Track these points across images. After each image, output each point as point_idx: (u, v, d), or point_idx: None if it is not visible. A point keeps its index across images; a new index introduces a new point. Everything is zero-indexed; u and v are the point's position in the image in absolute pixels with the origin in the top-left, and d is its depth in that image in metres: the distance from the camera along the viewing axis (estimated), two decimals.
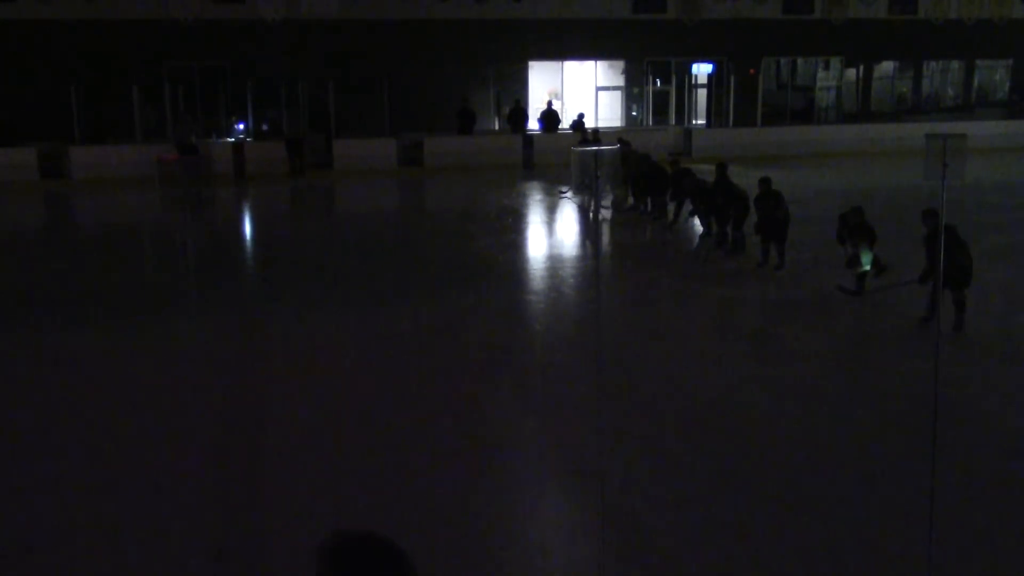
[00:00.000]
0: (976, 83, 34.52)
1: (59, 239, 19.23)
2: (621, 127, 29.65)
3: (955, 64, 34.10)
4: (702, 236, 15.18)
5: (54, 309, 12.21)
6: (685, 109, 31.38)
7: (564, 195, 21.32)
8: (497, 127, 30.06)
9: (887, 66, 33.72)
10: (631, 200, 19.21)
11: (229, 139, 27.21)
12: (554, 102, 30.13)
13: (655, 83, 31.52)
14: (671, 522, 6.25)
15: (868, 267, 11.43)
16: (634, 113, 31.67)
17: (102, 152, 25.22)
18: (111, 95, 26.29)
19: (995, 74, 34.76)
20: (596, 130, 25.77)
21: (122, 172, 24.21)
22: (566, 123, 29.01)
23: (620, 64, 31.39)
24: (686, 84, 31.44)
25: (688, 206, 16.18)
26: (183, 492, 6.76)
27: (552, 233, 18.29)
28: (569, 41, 29.80)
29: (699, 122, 31.80)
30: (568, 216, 19.44)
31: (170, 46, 27.14)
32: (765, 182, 13.50)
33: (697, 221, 15.87)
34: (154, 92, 26.65)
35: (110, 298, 12.84)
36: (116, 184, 23.65)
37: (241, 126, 28.08)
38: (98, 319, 11.68)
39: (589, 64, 31.31)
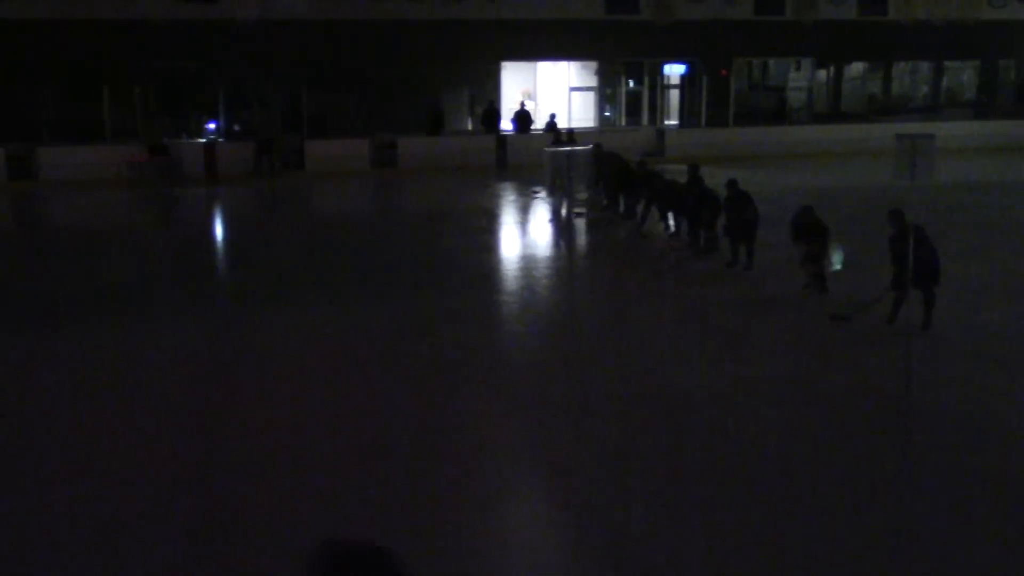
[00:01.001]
0: (945, 84, 34.89)
1: (27, 240, 19.02)
2: (594, 127, 29.72)
3: (924, 65, 34.44)
4: (670, 237, 15.31)
5: (23, 311, 12.08)
6: (658, 110, 31.49)
7: (537, 195, 21.34)
8: (471, 128, 30.04)
9: (857, 67, 34.00)
10: (604, 200, 19.26)
11: (201, 140, 27.02)
12: (527, 102, 30.15)
13: (628, 84, 31.61)
14: (644, 518, 6.26)
15: (839, 266, 11.49)
16: (607, 113, 31.75)
17: (71, 153, 24.90)
18: (81, 95, 26.02)
19: (963, 75, 35.14)
20: (571, 130, 25.79)
21: (92, 173, 23.90)
22: (540, 124, 29.04)
23: (593, 65, 31.45)
24: (659, 85, 31.55)
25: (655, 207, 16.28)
26: (156, 492, 6.70)
27: (525, 233, 18.30)
28: (542, 42, 29.80)
29: (672, 122, 31.92)
30: (541, 216, 19.45)
31: (141, 46, 26.88)
32: (732, 185, 13.57)
33: (663, 221, 16.01)
34: (124, 92, 26.38)
35: (79, 300, 12.72)
36: (86, 185, 23.39)
37: (213, 125, 27.87)
38: (67, 321, 11.56)
39: (562, 65, 31.36)
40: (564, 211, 19.04)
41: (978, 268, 13.49)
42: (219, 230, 20.19)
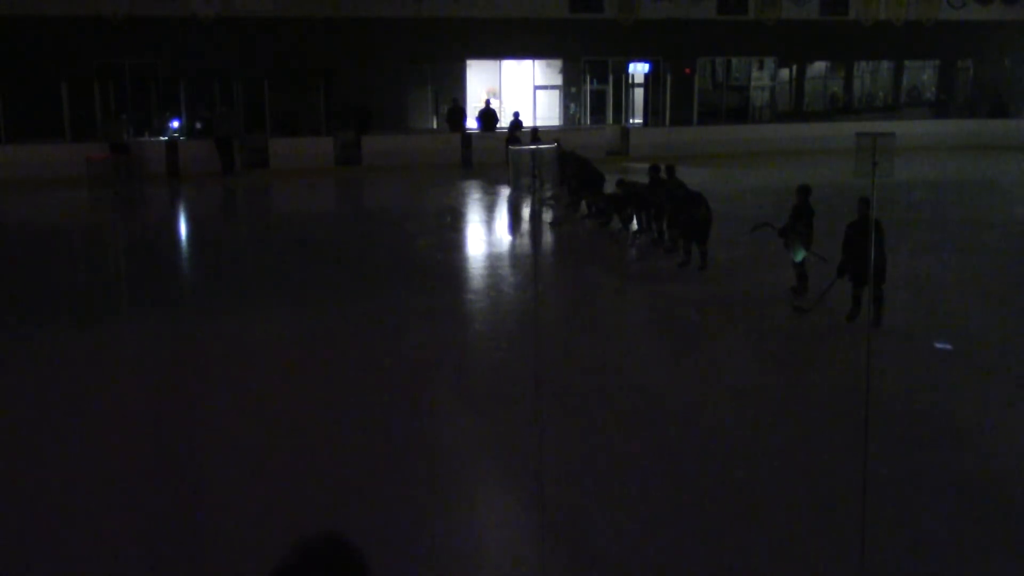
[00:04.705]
0: (905, 83, 35.33)
1: None
2: (559, 126, 29.77)
3: (884, 64, 34.85)
4: (634, 235, 15.44)
5: None
6: (622, 108, 31.60)
7: (502, 194, 21.35)
8: (435, 126, 29.99)
9: (819, 66, 34.34)
10: (567, 199, 19.31)
11: (163, 138, 26.74)
12: (492, 101, 30.12)
13: (592, 82, 31.70)
14: (611, 518, 6.27)
15: (799, 258, 11.55)
16: (572, 109, 31.77)
17: (28, 151, 24.56)
18: (38, 92, 25.59)
19: (923, 74, 35.61)
20: (535, 129, 25.78)
21: (50, 172, 23.58)
22: (505, 122, 29.03)
23: (558, 63, 31.50)
24: (623, 83, 31.67)
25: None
26: (124, 494, 6.62)
27: (491, 232, 18.29)
28: (507, 40, 29.81)
29: (636, 121, 32.05)
30: (506, 215, 19.45)
31: (100, 43, 26.56)
32: (681, 185, 13.69)
33: (621, 221, 16.15)
34: (84, 89, 25.97)
35: (34, 303, 12.53)
36: (44, 184, 23.06)
37: (176, 123, 27.55)
38: (22, 324, 11.37)
39: (527, 63, 31.38)
40: (529, 210, 19.06)
41: (937, 264, 13.68)
42: (179, 230, 19.97)
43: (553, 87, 31.73)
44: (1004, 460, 7.18)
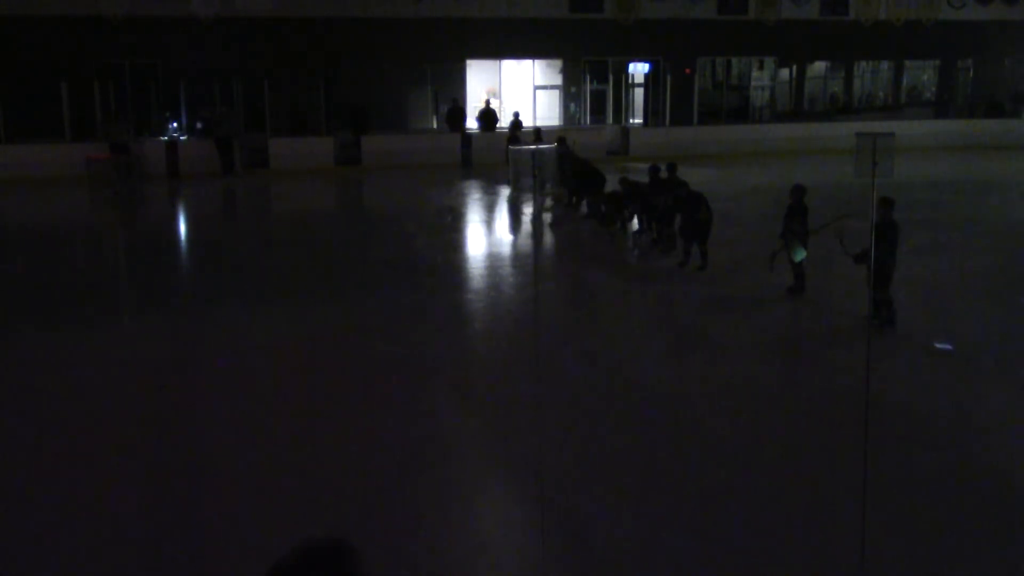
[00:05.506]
0: (905, 83, 35.33)
1: None
2: (559, 126, 29.79)
3: (885, 64, 34.86)
4: (634, 235, 15.42)
5: None
6: (622, 108, 31.61)
7: (502, 193, 21.32)
8: (435, 126, 30.01)
9: (819, 66, 34.35)
10: (566, 199, 19.33)
11: (163, 138, 26.74)
12: (492, 101, 30.13)
13: (592, 82, 31.71)
14: (610, 518, 6.27)
15: (800, 258, 11.57)
16: (572, 109, 31.77)
17: (29, 151, 24.57)
18: (38, 92, 25.60)
19: (923, 74, 35.61)
20: (538, 129, 25.78)
21: (50, 172, 23.60)
22: (504, 122, 29.04)
23: (558, 63, 31.51)
24: (623, 83, 31.68)
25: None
26: (118, 497, 6.62)
27: (491, 232, 18.28)
28: (507, 40, 29.83)
29: (636, 121, 32.06)
30: (506, 214, 19.42)
31: (100, 43, 26.56)
32: (683, 185, 13.67)
33: (616, 221, 16.17)
34: (84, 89, 25.99)
35: (31, 301, 12.52)
36: (44, 184, 23.06)
37: (174, 124, 27.58)
38: (22, 324, 11.36)
39: (527, 63, 31.39)
40: (529, 209, 19.07)
41: (938, 265, 13.66)
42: (179, 230, 19.96)
43: (553, 87, 31.75)
44: (1004, 461, 7.18)
